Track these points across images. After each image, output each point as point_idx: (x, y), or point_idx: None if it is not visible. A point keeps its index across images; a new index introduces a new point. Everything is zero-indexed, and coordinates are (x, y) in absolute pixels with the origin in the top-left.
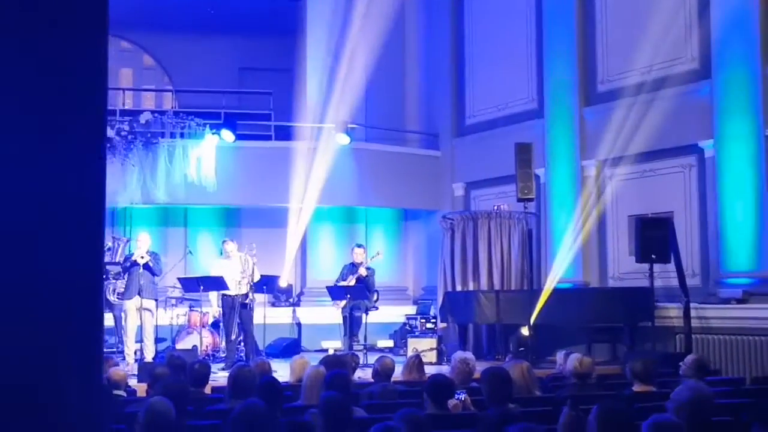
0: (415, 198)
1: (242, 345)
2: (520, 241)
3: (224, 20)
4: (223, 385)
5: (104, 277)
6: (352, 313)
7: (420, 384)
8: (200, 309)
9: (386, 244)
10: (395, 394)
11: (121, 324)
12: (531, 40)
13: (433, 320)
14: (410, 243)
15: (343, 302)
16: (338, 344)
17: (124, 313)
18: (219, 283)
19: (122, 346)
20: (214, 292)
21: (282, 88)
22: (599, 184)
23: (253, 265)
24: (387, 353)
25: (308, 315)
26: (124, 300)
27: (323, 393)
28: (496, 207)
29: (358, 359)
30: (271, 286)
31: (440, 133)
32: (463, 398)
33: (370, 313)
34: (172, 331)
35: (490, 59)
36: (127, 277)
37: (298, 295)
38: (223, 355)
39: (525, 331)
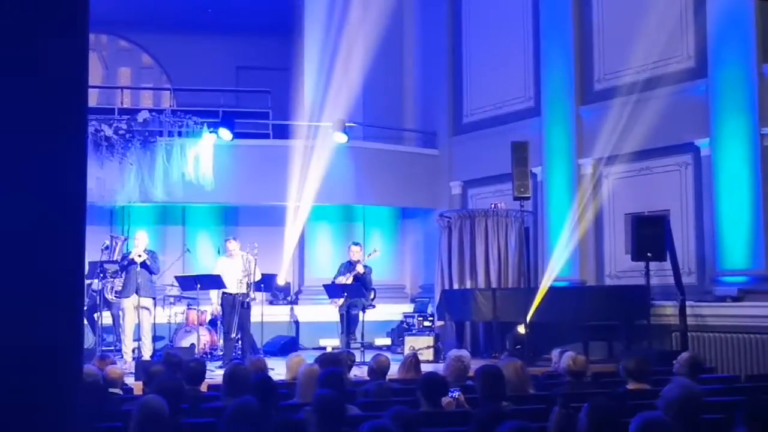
0: (412, 196)
1: (240, 343)
2: (517, 239)
3: (222, 19)
4: (219, 383)
5: (101, 275)
6: (349, 311)
7: (416, 382)
8: (198, 307)
9: (384, 242)
10: (390, 392)
11: (119, 322)
12: (528, 38)
13: (431, 318)
14: (408, 241)
15: (340, 300)
16: (336, 342)
17: (122, 312)
18: (216, 282)
19: (120, 344)
20: (215, 291)
21: (280, 87)
22: (596, 182)
23: (255, 265)
24: (384, 351)
25: (306, 313)
26: (122, 298)
27: (317, 391)
28: (493, 205)
29: (354, 357)
30: (268, 285)
31: (437, 132)
32: (456, 396)
33: (369, 312)
34: (170, 330)
35: (487, 58)
36: (125, 275)
37: (296, 293)
38: (220, 353)
39: (521, 329)
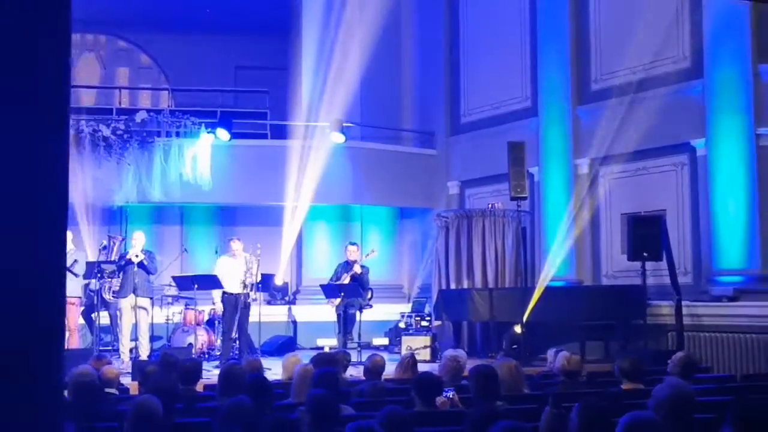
0: (410, 196)
1: (237, 343)
2: (513, 239)
3: (220, 19)
4: (215, 383)
5: (99, 275)
6: (346, 311)
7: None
8: (195, 307)
9: (381, 242)
10: (385, 392)
11: (117, 322)
12: (525, 39)
13: (428, 318)
14: (405, 241)
15: (337, 300)
16: (334, 342)
17: (119, 312)
18: (213, 282)
19: (117, 344)
20: (218, 291)
21: (278, 87)
22: (592, 182)
23: (257, 266)
24: (381, 351)
25: (304, 313)
26: (119, 298)
27: (310, 390)
28: (490, 205)
29: (350, 357)
30: (266, 285)
31: (435, 132)
32: (451, 396)
33: (367, 312)
34: (168, 330)
35: (485, 58)
36: (122, 275)
37: (294, 293)
38: (218, 353)
39: (518, 329)
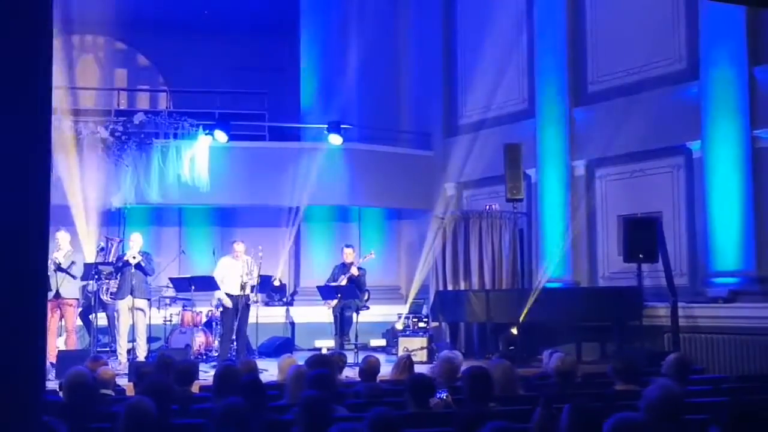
0: (407, 198)
1: (234, 344)
2: (510, 240)
3: (218, 21)
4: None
5: (97, 276)
6: (343, 313)
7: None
8: (193, 308)
9: (379, 243)
10: (380, 393)
11: (114, 323)
12: (522, 40)
13: (425, 319)
14: (403, 242)
15: (333, 302)
16: (331, 343)
17: (117, 313)
18: (210, 283)
19: (115, 345)
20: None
21: (275, 89)
22: (588, 184)
23: (258, 269)
24: (378, 352)
25: (301, 314)
26: (117, 300)
27: (304, 392)
28: (487, 207)
29: (345, 358)
30: (264, 286)
31: (432, 133)
32: (444, 397)
33: (364, 313)
34: (166, 331)
35: (482, 60)
36: (120, 277)
37: (292, 295)
38: (215, 354)
39: (515, 330)
